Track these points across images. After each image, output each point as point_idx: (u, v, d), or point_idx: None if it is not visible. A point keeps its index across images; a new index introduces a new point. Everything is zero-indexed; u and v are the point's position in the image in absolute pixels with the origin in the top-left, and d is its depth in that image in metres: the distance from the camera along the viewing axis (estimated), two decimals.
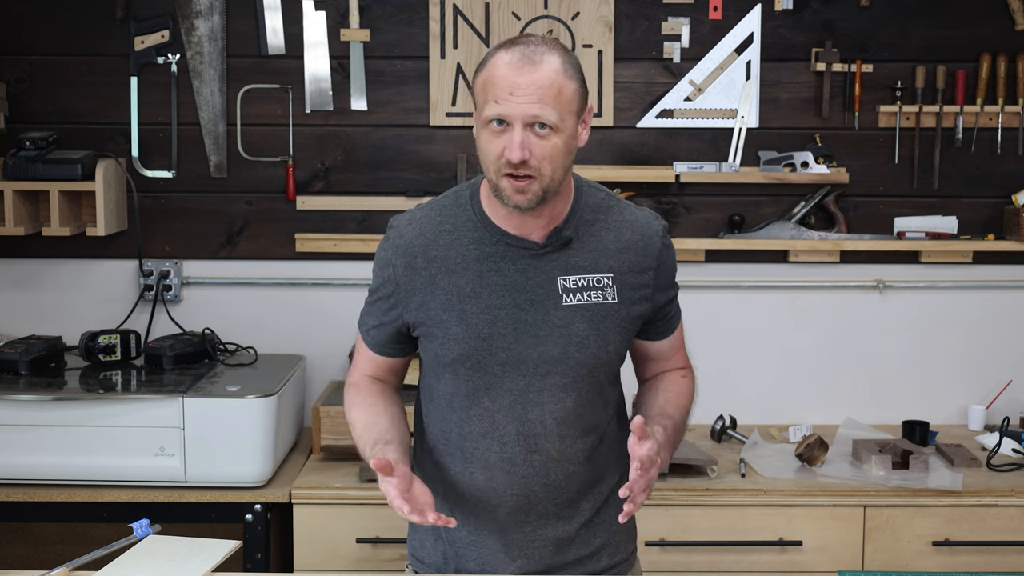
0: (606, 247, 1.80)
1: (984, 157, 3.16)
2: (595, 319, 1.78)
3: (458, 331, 1.77)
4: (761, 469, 2.75)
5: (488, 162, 1.70)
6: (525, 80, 1.65)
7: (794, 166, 3.10)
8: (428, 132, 3.15)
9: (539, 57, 1.67)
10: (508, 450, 1.80)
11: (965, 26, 3.13)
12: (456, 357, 1.78)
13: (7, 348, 2.80)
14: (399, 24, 3.12)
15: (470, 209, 1.81)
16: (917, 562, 2.65)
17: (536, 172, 1.68)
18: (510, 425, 1.79)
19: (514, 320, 1.76)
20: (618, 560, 1.93)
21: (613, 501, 1.91)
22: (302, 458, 2.87)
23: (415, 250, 1.81)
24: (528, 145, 1.66)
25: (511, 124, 1.66)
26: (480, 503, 1.84)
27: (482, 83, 1.70)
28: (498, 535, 1.85)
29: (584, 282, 1.77)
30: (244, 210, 3.17)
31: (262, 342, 3.10)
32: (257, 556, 2.61)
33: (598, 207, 1.83)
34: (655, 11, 3.12)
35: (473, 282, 1.77)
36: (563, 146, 1.69)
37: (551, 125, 1.66)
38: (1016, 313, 3.22)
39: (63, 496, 2.62)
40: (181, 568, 1.79)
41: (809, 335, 3.22)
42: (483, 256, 1.78)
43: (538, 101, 1.65)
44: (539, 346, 1.77)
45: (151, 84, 3.12)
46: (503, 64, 1.67)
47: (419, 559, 1.95)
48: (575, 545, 1.88)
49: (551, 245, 1.78)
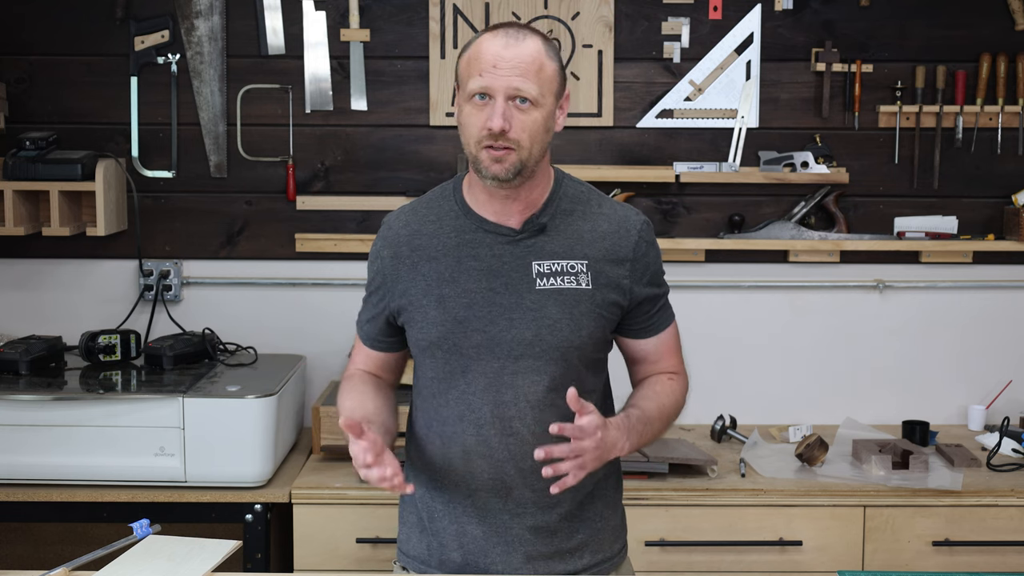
0: (582, 235, 1.84)
1: (984, 157, 3.16)
2: (568, 303, 1.81)
3: (436, 314, 1.83)
4: (761, 469, 2.75)
5: (469, 135, 1.77)
6: (510, 54, 1.73)
7: (794, 166, 3.10)
8: (428, 132, 3.15)
9: (522, 36, 1.76)
10: (484, 432, 1.83)
11: (965, 26, 3.13)
12: (434, 340, 1.83)
13: (7, 348, 2.80)
14: (399, 24, 3.12)
15: (452, 200, 1.89)
16: (917, 562, 2.65)
17: (515, 144, 1.74)
18: (485, 407, 1.83)
19: (489, 303, 1.81)
20: (601, 559, 1.93)
21: (598, 496, 1.91)
22: (302, 458, 2.87)
23: (400, 240, 1.88)
24: (509, 117, 1.73)
25: (493, 97, 1.73)
26: (460, 488, 1.87)
27: (466, 61, 1.77)
28: (478, 522, 1.87)
29: (558, 267, 1.82)
30: (244, 210, 3.17)
31: (262, 342, 3.10)
32: (257, 556, 2.61)
33: (577, 198, 1.88)
34: (655, 11, 3.12)
35: (452, 267, 1.83)
36: (542, 122, 1.76)
37: (532, 99, 1.73)
38: (1016, 313, 3.22)
39: (63, 496, 2.62)
40: (181, 568, 1.79)
41: (809, 335, 3.22)
42: (463, 243, 1.84)
43: (520, 75, 1.72)
44: (512, 328, 1.80)
45: (151, 84, 3.12)
46: (487, 42, 1.76)
47: (405, 553, 1.97)
48: (557, 537, 1.88)
49: (527, 231, 1.83)
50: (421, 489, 1.91)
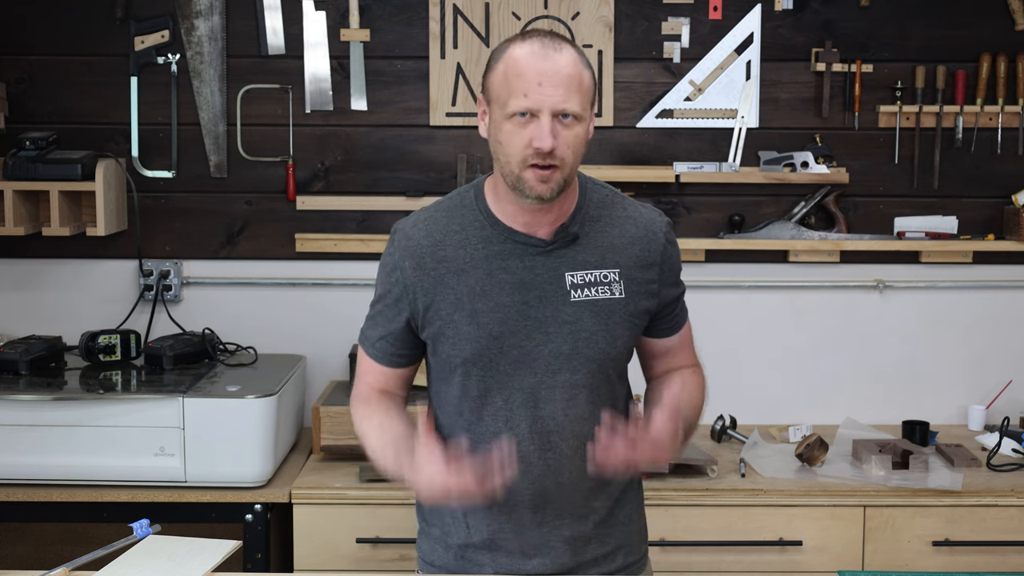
0: (612, 243, 1.81)
1: (984, 157, 3.16)
2: (603, 314, 1.78)
3: (469, 330, 1.77)
4: (761, 469, 2.75)
5: (512, 154, 1.70)
6: (551, 70, 1.67)
7: (794, 166, 3.10)
8: (428, 132, 3.15)
9: (558, 47, 1.69)
10: (522, 449, 1.79)
11: (965, 26, 3.13)
12: (468, 357, 1.78)
13: (7, 348, 2.80)
14: (399, 24, 3.12)
15: (476, 209, 1.82)
16: (917, 562, 2.65)
17: (560, 162, 1.69)
18: (523, 424, 1.79)
19: (524, 317, 1.77)
20: (632, 560, 1.93)
21: (627, 499, 1.91)
22: (302, 458, 2.87)
23: (423, 251, 1.80)
24: (556, 134, 1.67)
25: (537, 115, 1.67)
26: (497, 507, 1.82)
27: (502, 77, 1.70)
28: (515, 537, 1.84)
29: (591, 277, 1.78)
30: (244, 210, 3.17)
31: (262, 342, 3.10)
32: (257, 556, 2.61)
33: (602, 203, 1.84)
34: (655, 11, 3.12)
35: (483, 280, 1.77)
36: (584, 136, 1.73)
37: (575, 115, 1.69)
38: (1016, 313, 3.22)
39: (63, 496, 2.62)
40: (181, 568, 1.79)
41: (809, 335, 3.22)
42: (492, 255, 1.78)
43: (564, 91, 1.67)
44: (549, 343, 1.77)
45: (151, 84, 3.12)
46: (524, 56, 1.68)
47: (429, 563, 1.94)
48: (592, 545, 1.87)
49: (558, 241, 1.79)
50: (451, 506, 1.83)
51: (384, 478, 1.82)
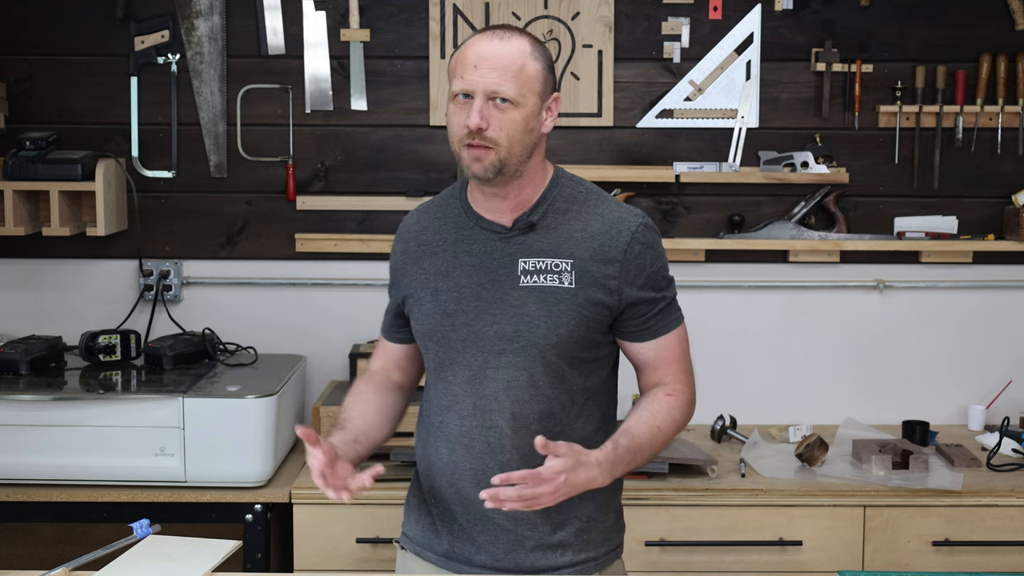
0: (571, 235, 1.86)
1: (984, 157, 3.16)
2: (548, 301, 1.83)
3: (429, 307, 1.90)
4: (761, 469, 2.75)
5: (453, 133, 1.81)
6: (490, 54, 1.77)
7: (794, 166, 3.10)
8: (428, 132, 3.15)
9: (507, 36, 1.80)
10: (466, 424, 1.87)
11: (965, 26, 3.13)
12: (425, 331, 1.91)
13: (7, 348, 2.80)
14: (399, 24, 3.12)
15: (457, 198, 1.94)
16: (917, 562, 2.65)
17: (493, 143, 1.77)
18: (468, 399, 1.87)
19: (476, 298, 1.86)
20: (584, 558, 1.92)
21: (588, 497, 1.86)
22: (302, 458, 2.86)
23: (410, 236, 1.97)
24: (487, 115, 1.76)
25: (474, 96, 1.77)
26: (446, 475, 1.91)
27: (454, 61, 1.82)
28: (463, 510, 1.90)
29: (542, 265, 1.84)
30: (244, 210, 3.17)
31: (262, 342, 3.10)
32: (257, 556, 2.61)
33: (573, 198, 1.89)
34: (655, 11, 3.12)
35: (448, 262, 1.90)
36: (521, 121, 1.79)
37: (511, 99, 1.76)
38: (1016, 313, 3.22)
39: (63, 496, 2.62)
40: (181, 568, 1.79)
41: (809, 335, 3.22)
42: (460, 238, 1.90)
43: (499, 74, 1.76)
44: (495, 324, 1.85)
45: (151, 84, 3.12)
46: (472, 43, 1.81)
47: (405, 533, 2.03)
48: (537, 532, 1.89)
49: (517, 229, 1.87)
50: (423, 474, 1.96)
51: (384, 478, 1.90)
